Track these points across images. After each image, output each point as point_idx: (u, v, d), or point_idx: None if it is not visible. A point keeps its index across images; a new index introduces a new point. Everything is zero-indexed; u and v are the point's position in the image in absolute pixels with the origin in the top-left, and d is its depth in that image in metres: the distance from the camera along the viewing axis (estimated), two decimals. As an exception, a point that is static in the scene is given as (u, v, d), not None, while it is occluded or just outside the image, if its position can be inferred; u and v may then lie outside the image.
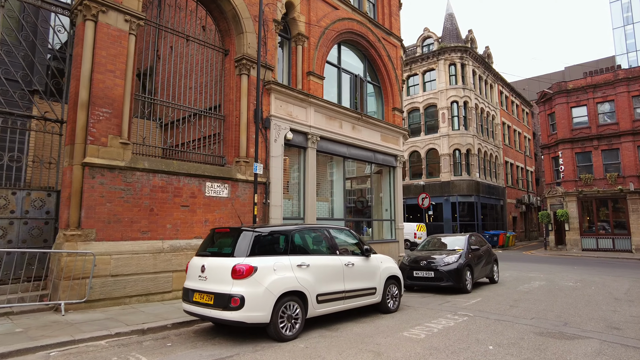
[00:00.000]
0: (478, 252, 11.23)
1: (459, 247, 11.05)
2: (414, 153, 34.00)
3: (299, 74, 12.71)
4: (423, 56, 33.72)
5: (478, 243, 11.74)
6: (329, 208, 13.94)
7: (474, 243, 11.43)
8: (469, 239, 11.30)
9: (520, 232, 39.76)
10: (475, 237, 11.92)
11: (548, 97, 28.60)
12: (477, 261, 11.07)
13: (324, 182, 14.00)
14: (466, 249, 10.80)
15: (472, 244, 11.15)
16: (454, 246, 11.27)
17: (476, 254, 11.08)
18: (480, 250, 11.45)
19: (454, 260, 10.22)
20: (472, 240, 11.40)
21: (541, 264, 18.70)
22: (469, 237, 11.41)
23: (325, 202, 13.87)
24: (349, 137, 13.99)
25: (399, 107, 16.85)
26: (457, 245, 11.21)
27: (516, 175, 40.93)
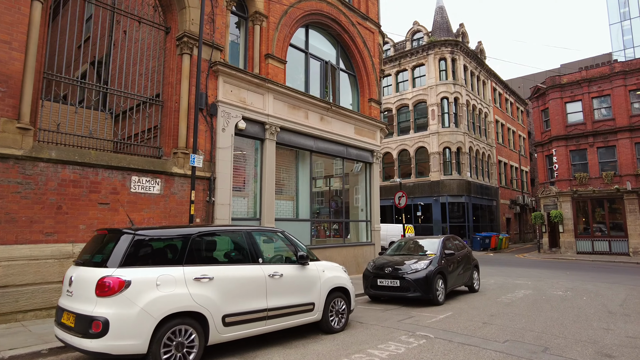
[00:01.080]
0: (453, 257, 9.83)
1: (432, 251, 9.65)
2: (403, 152, 32.64)
3: (255, 57, 11.32)
4: (412, 51, 32.40)
5: (454, 247, 10.34)
6: (294, 208, 12.54)
7: (450, 247, 10.03)
8: (444, 242, 9.90)
9: (514, 234, 38.39)
10: (451, 240, 10.53)
11: (541, 92, 27.27)
12: (453, 268, 9.68)
13: (289, 178, 12.60)
14: (439, 254, 9.41)
15: (446, 248, 9.75)
16: (426, 250, 9.88)
17: (451, 259, 9.69)
18: (457, 255, 10.06)
19: (423, 266, 8.81)
20: (447, 244, 10.00)
21: (532, 269, 17.31)
22: (444, 240, 10.01)
23: (289, 201, 12.47)
24: (316, 128, 12.61)
25: (375, 98, 15.47)
26: (429, 250, 9.81)
27: (510, 175, 39.59)
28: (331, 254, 12.90)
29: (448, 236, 10.48)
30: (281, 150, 12.18)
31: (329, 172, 15.58)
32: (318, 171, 15.12)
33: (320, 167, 15.00)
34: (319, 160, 14.02)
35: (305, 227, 12.36)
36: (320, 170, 15.15)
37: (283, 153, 12.34)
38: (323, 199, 15.30)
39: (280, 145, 11.76)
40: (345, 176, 15.38)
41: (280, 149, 12.06)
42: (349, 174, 15.55)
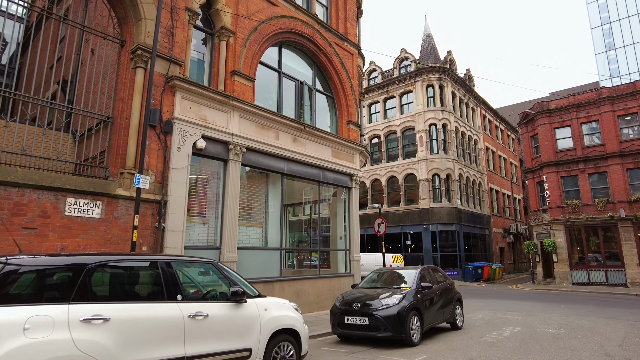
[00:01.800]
0: (432, 291, 8.82)
1: (406, 284, 8.65)
2: (392, 179, 31.91)
3: (221, 74, 10.65)
4: (400, 78, 32.27)
5: (433, 279, 9.34)
6: (262, 235, 11.56)
7: (428, 279, 9.04)
8: (420, 274, 8.92)
9: (508, 264, 37.21)
10: (430, 271, 9.54)
11: (530, 117, 26.89)
12: (431, 303, 8.66)
13: (257, 203, 11.68)
14: (414, 287, 8.41)
15: (423, 281, 8.75)
16: (401, 283, 8.87)
17: (429, 293, 8.68)
18: (435, 289, 9.05)
19: (396, 302, 7.79)
20: (424, 276, 9.01)
21: (524, 302, 16.19)
22: (421, 271, 9.02)
23: (257, 228, 11.50)
24: (288, 150, 11.82)
25: (354, 120, 14.79)
26: (404, 282, 8.81)
27: (502, 203, 38.82)
28: (303, 287, 11.83)
29: (426, 267, 9.51)
30: (249, 173, 11.34)
31: (306, 197, 14.71)
32: (294, 196, 14.25)
33: (297, 191, 14.14)
34: (294, 184, 13.17)
35: (274, 257, 11.34)
36: (296, 195, 14.28)
37: (251, 176, 11.50)
38: (299, 226, 14.34)
39: (247, 167, 10.93)
40: (322, 201, 14.48)
41: (248, 171, 11.23)
42: (330, 198, 14.67)
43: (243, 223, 10.96)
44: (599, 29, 44.73)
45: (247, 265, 10.53)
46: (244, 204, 11.06)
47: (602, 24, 44.09)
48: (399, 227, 30.18)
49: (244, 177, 11.29)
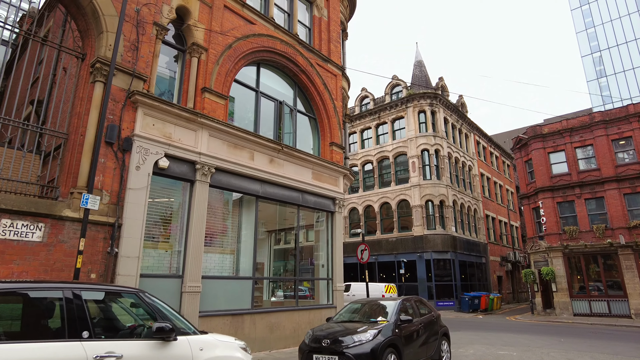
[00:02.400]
0: (413, 325, 7.94)
1: (384, 317, 7.78)
2: (384, 205, 31.16)
3: (190, 91, 10.11)
4: (392, 104, 32.11)
5: (416, 311, 8.47)
6: (233, 263, 10.71)
7: (409, 311, 8.17)
8: (400, 306, 8.06)
9: (507, 294, 35.91)
10: (412, 302, 8.68)
11: (523, 142, 26.47)
12: (412, 338, 7.76)
13: (229, 228, 10.90)
14: (393, 321, 7.54)
15: (403, 313, 7.89)
16: (379, 316, 8.00)
17: (409, 327, 7.79)
18: (417, 322, 8.16)
19: (369, 337, 6.91)
20: (405, 308, 8.14)
21: (521, 335, 15.12)
22: (401, 303, 8.17)
23: (228, 255, 10.67)
24: (264, 171, 11.15)
25: (338, 142, 14.22)
26: (381, 315, 7.94)
27: (499, 230, 37.92)
28: (278, 320, 10.88)
29: (407, 298, 8.66)
30: (219, 195, 10.62)
31: (290, 222, 13.95)
32: (276, 222, 13.50)
33: (280, 217, 13.38)
34: (274, 209, 12.45)
35: (245, 287, 10.45)
36: (279, 220, 13.52)
37: (222, 198, 10.76)
38: (283, 254, 13.50)
39: (217, 189, 10.22)
40: (303, 227, 13.71)
41: (218, 193, 10.52)
42: (312, 224, 13.92)
43: (211, 249, 10.16)
44: (589, 57, 45.29)
45: (214, 296, 9.66)
46: (213, 229, 10.30)
47: (592, 52, 44.70)
48: (392, 255, 29.20)
49: (215, 199, 10.57)
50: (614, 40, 43.39)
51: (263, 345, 10.24)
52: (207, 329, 9.05)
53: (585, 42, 45.59)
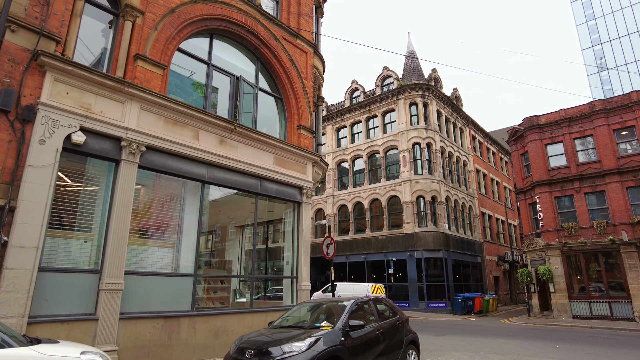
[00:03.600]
0: (366, 332, 6.47)
1: (330, 322, 6.32)
2: (374, 202, 29.69)
3: (121, 58, 8.70)
4: (382, 96, 30.67)
5: (374, 315, 7.01)
6: (173, 257, 9.26)
7: (365, 315, 6.71)
8: (352, 307, 6.60)
9: (504, 295, 34.35)
10: (371, 303, 7.24)
11: (519, 134, 24.98)
12: (364, 347, 6.31)
13: (169, 217, 9.47)
14: (340, 327, 6.10)
15: (354, 317, 6.43)
16: (324, 320, 6.54)
17: (361, 334, 6.32)
18: (373, 328, 6.70)
19: (302, 348, 5.47)
20: (359, 310, 6.68)
21: (513, 340, 13.63)
22: (354, 304, 6.72)
23: (167, 249, 9.22)
24: (212, 153, 9.73)
25: (307, 125, 12.79)
26: (328, 319, 6.49)
27: (496, 228, 36.38)
28: (226, 324, 9.43)
29: (362, 299, 7.20)
30: (157, 180, 9.19)
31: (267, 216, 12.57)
32: (242, 213, 12.09)
33: (246, 208, 11.95)
34: (245, 201, 11.07)
35: (185, 285, 9.00)
36: (245, 213, 12.11)
37: (160, 183, 9.34)
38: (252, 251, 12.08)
39: (150, 171, 8.78)
40: (262, 219, 12.30)
41: (155, 177, 9.09)
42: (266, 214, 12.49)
43: (144, 242, 8.74)
44: (590, 50, 43.72)
45: (145, 296, 8.24)
46: (147, 218, 8.89)
47: (593, 45, 43.14)
48: (382, 254, 27.72)
49: (152, 184, 9.17)
50: (616, 32, 41.86)
51: (204, 353, 8.79)
52: (131, 333, 7.67)
53: (585, 34, 44.06)
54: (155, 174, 9.05)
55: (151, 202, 9.15)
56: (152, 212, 9.10)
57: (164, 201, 9.49)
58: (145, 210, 8.92)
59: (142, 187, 8.88)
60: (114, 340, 7.39)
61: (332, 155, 33.06)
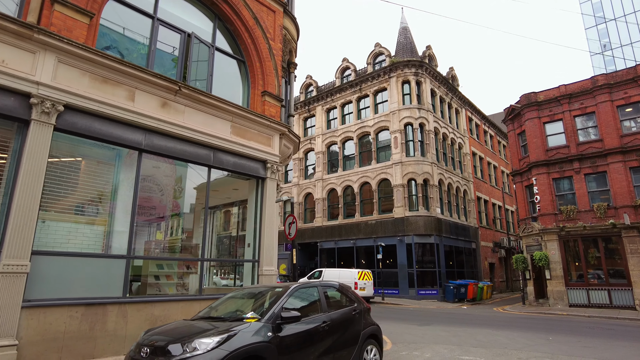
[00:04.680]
0: (305, 325, 5.21)
1: (257, 313, 5.08)
2: (365, 185, 28.39)
3: (33, 2, 7.30)
4: (374, 74, 29.14)
5: (314, 304, 5.74)
6: (105, 236, 7.99)
7: (306, 304, 5.46)
8: (289, 295, 5.34)
9: (500, 282, 33.27)
10: (318, 290, 5.95)
11: (516, 112, 23.52)
12: (303, 344, 5.08)
13: (102, 191, 8.17)
14: (268, 318, 4.85)
15: (288, 308, 5.17)
16: (252, 310, 5.29)
17: (299, 329, 5.08)
18: (315, 320, 5.44)
19: (207, 347, 4.23)
20: (299, 298, 5.42)
21: (502, 330, 12.45)
22: (293, 291, 5.45)
23: (96, 226, 7.95)
24: (151, 117, 8.38)
25: (273, 92, 11.41)
26: (256, 310, 5.24)
27: (492, 214, 35.14)
28: (166, 313, 8.21)
29: (306, 285, 5.94)
30: (83, 146, 7.87)
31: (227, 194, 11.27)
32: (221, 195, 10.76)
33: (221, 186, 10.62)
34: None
35: (116, 268, 7.74)
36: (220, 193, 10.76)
37: (88, 150, 8.02)
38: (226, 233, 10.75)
39: (71, 135, 7.45)
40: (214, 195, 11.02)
41: (80, 142, 7.77)
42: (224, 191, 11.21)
43: (67, 218, 7.46)
44: (593, 29, 41.87)
45: (61, 280, 6.99)
46: (71, 190, 7.59)
47: (597, 24, 41.26)
48: (371, 239, 26.53)
49: (78, 150, 7.87)
50: (621, 10, 39.92)
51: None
52: (39, 324, 6.45)
53: (589, 13, 42.08)
54: (82, 140, 7.72)
55: (76, 172, 7.84)
56: (78, 183, 7.80)
57: (94, 171, 8.19)
58: (69, 181, 7.61)
59: (65, 154, 7.57)
60: (14, 333, 6.16)
61: (321, 138, 31.68)
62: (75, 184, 7.77)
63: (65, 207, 7.52)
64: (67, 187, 7.56)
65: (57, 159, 7.42)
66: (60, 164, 7.53)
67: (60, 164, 7.51)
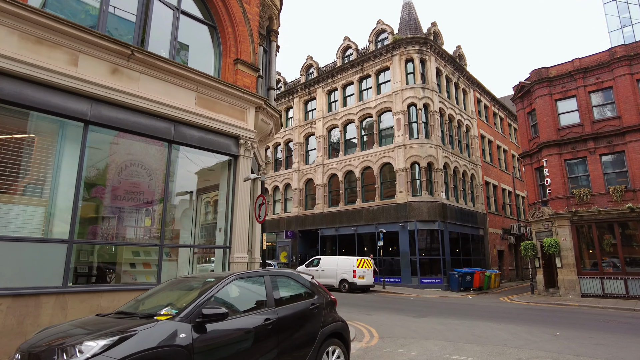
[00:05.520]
0: (240, 325, 4.21)
1: (174, 308, 4.08)
2: (366, 170, 27.22)
3: (-51, -55, 6.28)
4: (376, 53, 27.70)
5: (256, 298, 4.71)
6: (45, 217, 7.06)
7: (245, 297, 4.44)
8: (220, 287, 4.32)
9: (509, 270, 31.99)
10: (265, 280, 4.91)
11: (526, 89, 21.98)
12: (233, 349, 4.05)
13: (42, 168, 7.22)
14: (185, 316, 3.82)
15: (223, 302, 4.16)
16: (170, 305, 4.29)
17: (229, 329, 4.07)
18: (254, 319, 4.41)
19: (91, 352, 3.22)
20: (231, 291, 4.41)
21: (504, 324, 11.34)
22: (228, 281, 4.43)
23: (35, 207, 7.01)
24: (99, 85, 7.36)
25: (248, 60, 10.30)
26: (175, 304, 4.24)
27: (502, 199, 33.68)
28: (118, 304, 7.26)
29: (248, 273, 4.93)
30: (12, 117, 6.90)
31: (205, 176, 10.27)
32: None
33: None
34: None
35: (54, 254, 6.82)
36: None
37: (22, 122, 7.05)
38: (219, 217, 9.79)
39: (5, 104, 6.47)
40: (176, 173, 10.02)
41: (11, 112, 6.79)
42: (201, 171, 10.19)
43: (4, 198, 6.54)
44: (612, 3, 39.49)
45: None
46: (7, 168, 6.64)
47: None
48: (373, 225, 25.44)
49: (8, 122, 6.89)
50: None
51: (77, 345, 6.66)
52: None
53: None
54: (17, 110, 6.75)
55: (15, 148, 6.89)
56: (15, 161, 6.85)
57: (36, 147, 7.23)
58: (4, 158, 6.67)
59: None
60: None
61: (322, 121, 30.47)
62: (12, 161, 6.82)
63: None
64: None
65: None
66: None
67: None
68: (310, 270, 22.58)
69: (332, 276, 21.45)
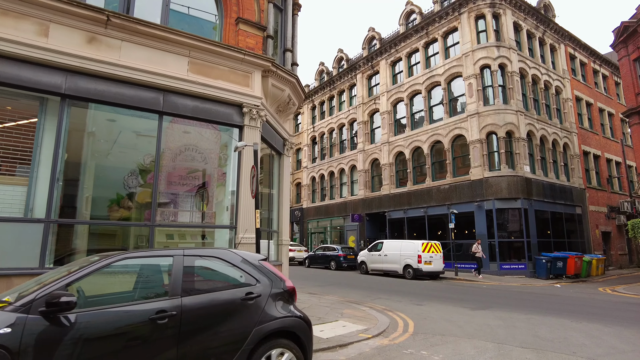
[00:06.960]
0: (112, 319, 3.13)
1: (11, 296, 3.14)
2: (436, 144, 24.66)
3: None
4: (441, 13, 24.75)
5: (157, 285, 3.61)
6: (26, 197, 6.78)
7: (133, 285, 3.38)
8: (97, 268, 3.30)
9: (618, 255, 26.94)
10: (158, 261, 3.79)
11: (631, 30, 17.63)
12: (109, 349, 3.01)
13: (21, 146, 6.95)
14: (27, 303, 2.95)
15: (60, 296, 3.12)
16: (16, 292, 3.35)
17: (101, 324, 3.04)
18: (134, 310, 3.30)
19: None
20: (117, 274, 3.37)
21: (589, 323, 8.88)
22: (102, 264, 3.39)
23: (20, 187, 6.77)
24: (73, 56, 6.87)
25: (252, 18, 9.18)
26: (27, 291, 3.29)
27: (607, 172, 28.38)
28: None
29: (148, 252, 3.84)
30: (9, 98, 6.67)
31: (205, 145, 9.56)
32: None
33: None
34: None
35: (30, 234, 6.50)
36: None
37: (3, 100, 6.81)
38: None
39: (-38, 79, 6.24)
40: (172, 145, 9.24)
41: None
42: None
43: None
44: None
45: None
46: (-23, 146, 6.46)
47: None
48: (445, 206, 22.95)
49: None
50: None
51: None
52: None
53: None
54: None
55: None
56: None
57: (14, 124, 6.98)
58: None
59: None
60: None
61: (386, 96, 28.37)
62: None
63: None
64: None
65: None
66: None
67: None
68: (373, 255, 21.14)
69: (396, 261, 19.77)
